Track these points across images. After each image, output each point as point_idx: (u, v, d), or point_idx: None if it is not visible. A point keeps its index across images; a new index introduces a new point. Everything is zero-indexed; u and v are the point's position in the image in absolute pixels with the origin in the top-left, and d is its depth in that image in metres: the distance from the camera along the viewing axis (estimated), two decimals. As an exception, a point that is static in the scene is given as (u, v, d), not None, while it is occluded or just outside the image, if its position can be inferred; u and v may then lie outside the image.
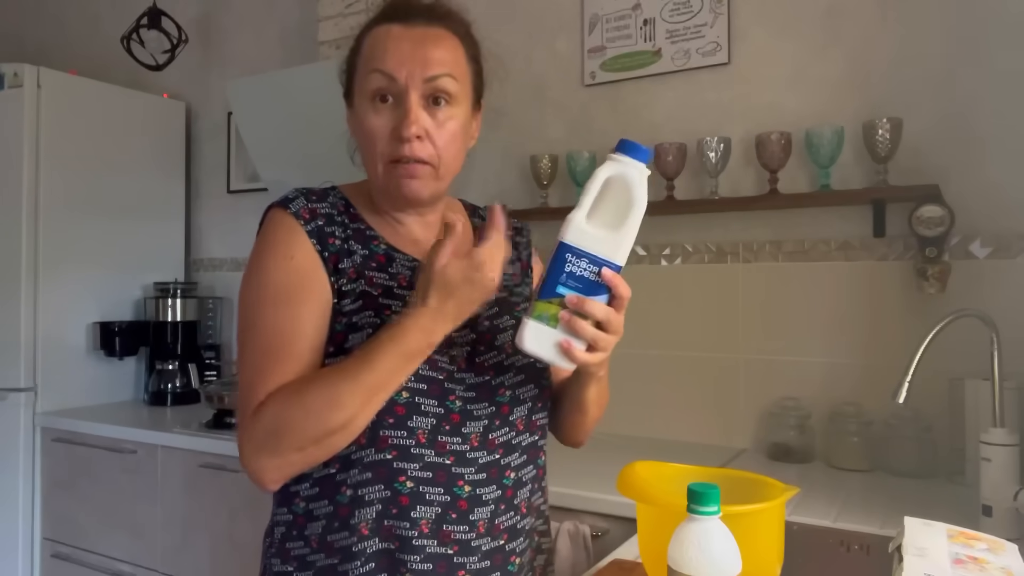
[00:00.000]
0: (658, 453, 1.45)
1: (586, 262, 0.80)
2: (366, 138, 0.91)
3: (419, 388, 0.88)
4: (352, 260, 0.91)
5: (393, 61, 0.89)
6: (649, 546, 0.90)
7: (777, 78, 1.96)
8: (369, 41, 0.93)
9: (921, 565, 0.75)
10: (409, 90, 0.88)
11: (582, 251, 0.81)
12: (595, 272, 0.80)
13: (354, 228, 0.94)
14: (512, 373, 0.96)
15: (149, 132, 2.91)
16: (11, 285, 2.50)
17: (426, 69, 0.89)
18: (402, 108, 0.89)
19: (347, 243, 0.92)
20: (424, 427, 0.88)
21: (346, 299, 0.89)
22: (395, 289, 0.92)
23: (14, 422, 2.49)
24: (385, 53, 0.90)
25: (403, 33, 0.91)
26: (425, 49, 0.90)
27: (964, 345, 1.50)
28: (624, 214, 0.81)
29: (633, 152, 0.81)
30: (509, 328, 0.99)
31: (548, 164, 2.18)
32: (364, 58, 0.93)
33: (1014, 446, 1.29)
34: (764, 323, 1.96)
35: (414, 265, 0.94)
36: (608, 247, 0.81)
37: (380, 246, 0.94)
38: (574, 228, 0.81)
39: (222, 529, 2.11)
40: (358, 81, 0.93)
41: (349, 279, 0.90)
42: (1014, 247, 1.69)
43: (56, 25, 3.49)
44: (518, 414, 0.96)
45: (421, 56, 0.89)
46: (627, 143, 0.82)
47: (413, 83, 0.88)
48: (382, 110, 0.90)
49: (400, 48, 0.90)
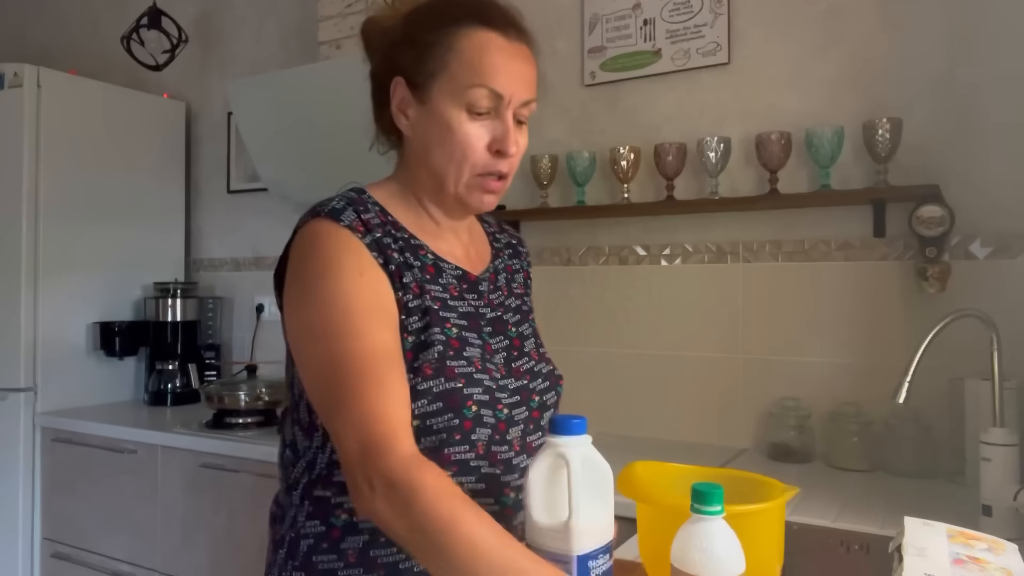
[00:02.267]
0: (658, 453, 1.45)
1: (603, 554, 0.76)
2: (456, 145, 0.89)
3: (483, 400, 0.87)
4: (413, 274, 0.89)
5: (503, 81, 0.89)
6: (649, 546, 0.90)
7: (777, 78, 1.96)
8: (471, 46, 0.89)
9: (921, 565, 0.75)
10: (511, 109, 0.90)
11: (596, 551, 0.76)
12: (608, 555, 0.77)
13: (401, 238, 0.91)
14: (540, 379, 0.98)
15: (149, 132, 2.91)
16: (11, 285, 2.50)
17: (525, 93, 0.91)
18: (502, 124, 0.90)
19: (403, 255, 0.90)
20: (483, 439, 0.88)
21: (413, 316, 0.87)
22: (449, 301, 0.91)
23: (14, 422, 2.48)
24: (495, 71, 0.88)
25: (508, 49, 0.90)
26: (526, 71, 0.91)
27: (964, 345, 1.50)
28: (601, 487, 0.77)
29: (567, 430, 0.76)
30: (531, 336, 1.03)
31: (548, 164, 2.18)
32: (466, 66, 0.89)
33: (1014, 446, 1.29)
34: (764, 323, 1.96)
35: (458, 274, 0.95)
36: (607, 528, 0.78)
37: (428, 256, 0.93)
38: (577, 535, 0.74)
39: (222, 529, 2.11)
40: (451, 84, 0.89)
41: (414, 294, 0.88)
42: (1014, 247, 1.69)
43: (56, 25, 3.49)
44: (546, 419, 0.98)
45: (525, 80, 0.91)
46: (558, 422, 0.77)
47: (515, 103, 0.90)
48: (481, 121, 0.89)
49: (509, 68, 0.89)
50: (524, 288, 1.10)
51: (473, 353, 0.90)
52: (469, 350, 0.90)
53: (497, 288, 1.02)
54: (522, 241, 1.16)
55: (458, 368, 0.87)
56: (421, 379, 0.85)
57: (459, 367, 0.87)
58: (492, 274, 1.03)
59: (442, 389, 0.85)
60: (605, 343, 2.17)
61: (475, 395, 0.87)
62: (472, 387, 0.87)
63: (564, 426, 0.76)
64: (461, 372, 0.87)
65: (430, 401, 0.85)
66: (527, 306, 1.07)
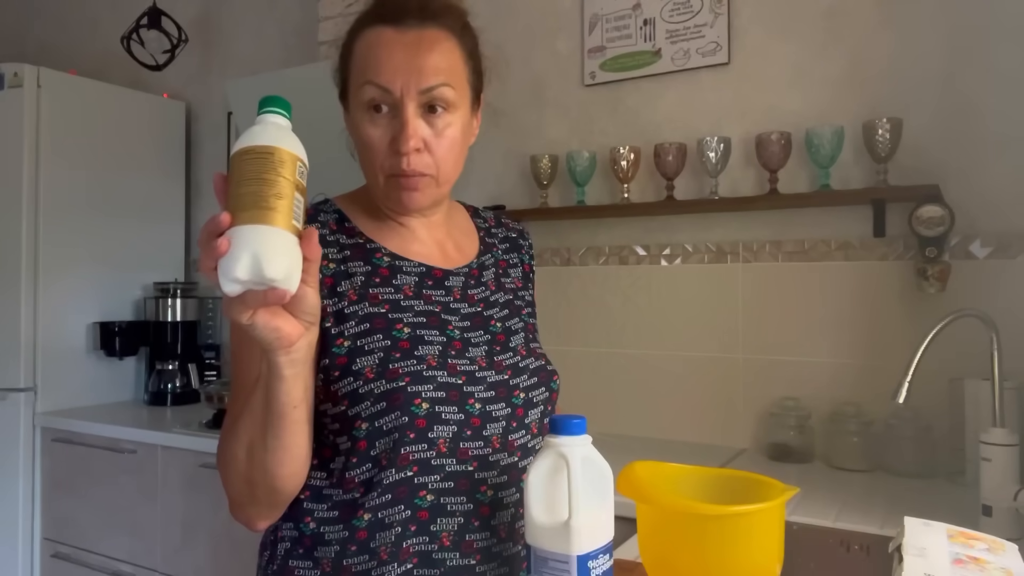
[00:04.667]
0: (658, 453, 1.45)
1: (603, 554, 0.76)
2: (364, 148, 0.89)
3: (436, 396, 0.86)
4: (352, 282, 0.89)
5: (387, 73, 0.85)
6: (649, 546, 0.90)
7: (777, 78, 1.96)
8: (361, 46, 0.89)
9: (921, 565, 0.74)
10: (405, 102, 0.85)
11: (596, 551, 0.75)
12: (608, 556, 0.77)
13: (351, 244, 0.91)
14: (527, 375, 0.96)
15: (149, 132, 2.91)
16: (11, 285, 2.50)
17: (422, 80, 0.85)
18: (399, 120, 0.86)
19: (344, 264, 0.89)
20: (446, 436, 0.86)
21: (349, 321, 0.87)
22: (402, 302, 0.90)
23: (14, 422, 2.49)
24: (378, 63, 0.86)
25: (396, 38, 0.86)
26: (420, 57, 0.86)
27: (964, 345, 1.50)
28: (601, 487, 0.77)
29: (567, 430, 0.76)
30: (520, 331, 0.99)
31: (548, 164, 2.18)
32: (356, 65, 0.89)
33: (1014, 446, 1.29)
34: (764, 323, 1.96)
35: (420, 270, 0.93)
36: (607, 528, 0.77)
37: (383, 259, 0.92)
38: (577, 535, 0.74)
39: (222, 529, 2.11)
40: (352, 88, 0.90)
41: (350, 301, 0.88)
42: (1014, 247, 1.69)
43: (56, 25, 3.49)
44: (532, 417, 0.95)
45: (416, 66, 0.85)
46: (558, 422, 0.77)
47: (409, 94, 0.85)
48: (378, 120, 0.87)
49: (393, 57, 0.86)
50: (522, 283, 1.06)
51: (427, 351, 0.87)
52: (423, 348, 0.87)
53: (481, 283, 0.99)
54: (524, 234, 1.11)
55: (404, 368, 0.85)
56: (362, 382, 0.84)
57: (405, 367, 0.85)
58: (475, 269, 1.00)
59: (384, 390, 0.84)
60: (605, 343, 2.17)
61: (425, 392, 0.85)
62: (420, 384, 0.85)
63: (564, 426, 0.76)
64: (407, 371, 0.85)
65: (373, 402, 0.84)
66: (522, 300, 1.04)
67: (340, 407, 0.85)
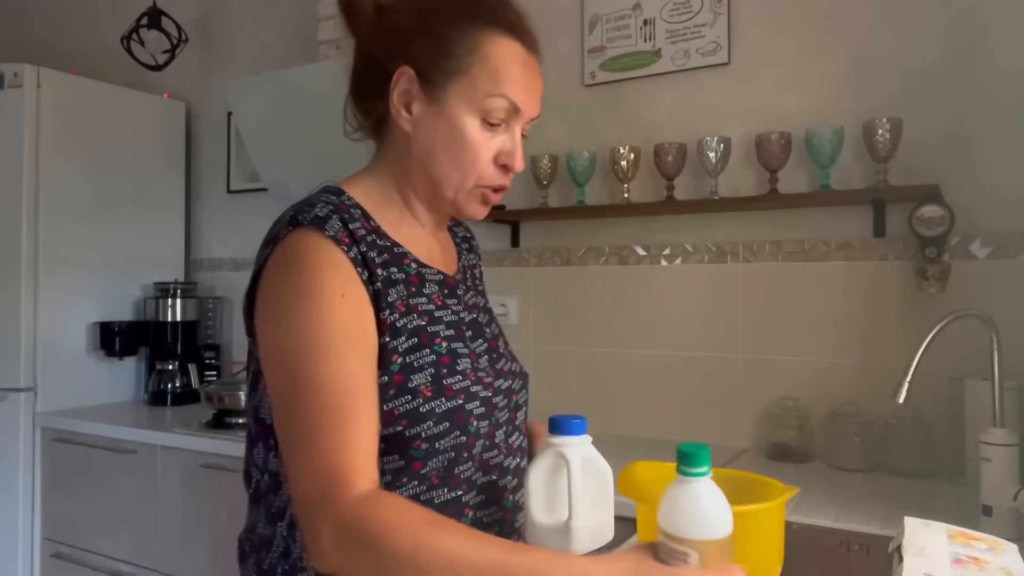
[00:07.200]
0: (658, 453, 1.44)
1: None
2: (466, 153, 0.86)
3: (480, 412, 0.85)
4: (398, 291, 0.84)
5: (523, 95, 0.86)
6: (649, 546, 0.90)
7: (777, 78, 1.96)
8: (496, 51, 0.85)
9: (921, 565, 0.74)
10: (521, 124, 0.88)
11: (597, 551, 0.76)
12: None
13: (384, 247, 0.85)
14: (518, 379, 0.97)
15: (149, 132, 2.91)
16: (11, 285, 2.50)
17: (537, 109, 0.89)
18: (511, 138, 0.88)
19: (388, 268, 0.84)
20: (480, 451, 0.86)
21: (400, 336, 0.81)
22: (435, 312, 0.88)
23: (14, 422, 2.48)
24: (518, 83, 0.85)
25: (529, 62, 0.88)
26: (539, 87, 0.89)
27: (964, 345, 1.50)
28: (601, 487, 0.76)
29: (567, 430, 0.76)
30: (500, 334, 1.01)
31: (548, 164, 2.18)
32: (491, 74, 0.84)
33: (1014, 446, 1.29)
34: (764, 323, 1.96)
35: (439, 278, 0.91)
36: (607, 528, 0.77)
37: (411, 265, 0.88)
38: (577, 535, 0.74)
39: (222, 529, 2.11)
40: (470, 89, 0.84)
41: (400, 313, 0.82)
42: (1014, 247, 1.69)
43: (56, 25, 3.49)
44: (521, 419, 0.97)
45: (538, 97, 0.89)
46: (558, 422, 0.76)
47: (526, 118, 0.89)
48: (492, 132, 0.86)
49: (532, 84, 0.88)
50: (483, 283, 1.07)
51: (465, 365, 0.86)
52: (461, 363, 0.86)
53: (469, 289, 0.99)
54: (473, 233, 1.11)
55: (456, 384, 0.83)
56: (421, 400, 0.80)
57: (456, 383, 0.83)
58: (463, 274, 1.00)
59: (445, 408, 0.81)
60: (605, 343, 2.17)
61: (474, 409, 0.84)
62: (471, 401, 0.84)
63: (564, 426, 0.76)
64: (459, 388, 0.83)
65: (436, 422, 0.80)
66: (488, 303, 1.04)
67: (396, 427, 0.80)
